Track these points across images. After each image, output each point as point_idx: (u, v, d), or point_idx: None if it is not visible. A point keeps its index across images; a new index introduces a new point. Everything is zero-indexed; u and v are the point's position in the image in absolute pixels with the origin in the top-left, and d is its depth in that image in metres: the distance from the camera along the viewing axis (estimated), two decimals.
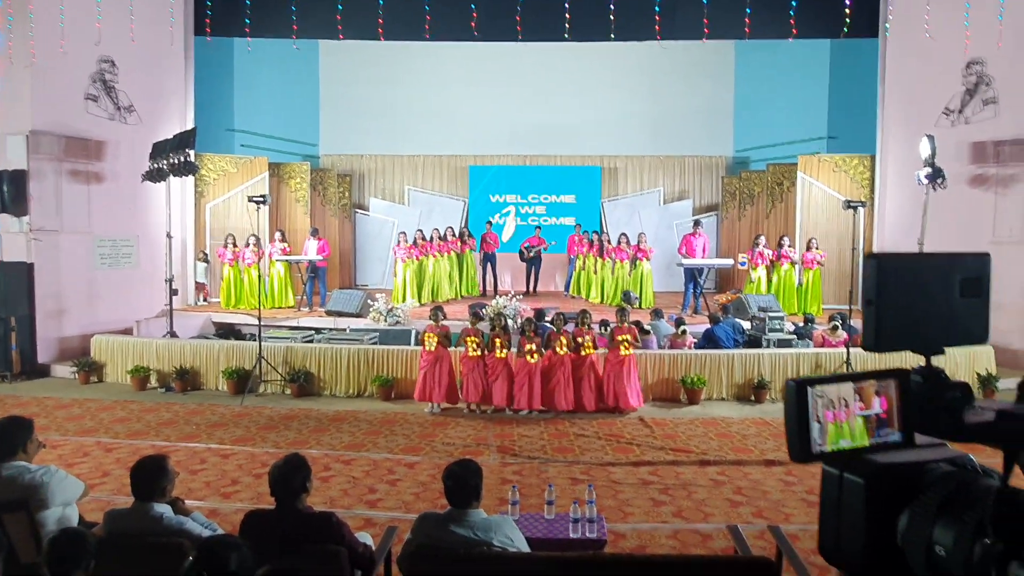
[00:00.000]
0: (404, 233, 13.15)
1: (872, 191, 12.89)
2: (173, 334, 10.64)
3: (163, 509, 3.19)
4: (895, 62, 12.32)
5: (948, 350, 0.72)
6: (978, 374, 9.21)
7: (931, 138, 9.99)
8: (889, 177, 12.57)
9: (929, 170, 9.88)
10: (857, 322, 10.03)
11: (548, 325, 9.06)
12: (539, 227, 14.79)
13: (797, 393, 0.67)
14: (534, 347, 8.37)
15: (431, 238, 13.31)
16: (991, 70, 10.72)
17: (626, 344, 8.43)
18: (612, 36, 12.38)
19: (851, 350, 9.14)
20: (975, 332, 0.73)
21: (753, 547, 4.00)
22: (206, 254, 13.60)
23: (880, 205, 12.75)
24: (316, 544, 3.05)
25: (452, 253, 13.59)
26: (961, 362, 9.19)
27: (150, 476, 3.19)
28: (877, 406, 0.70)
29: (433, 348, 8.46)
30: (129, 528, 3.16)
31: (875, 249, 12.67)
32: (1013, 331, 10.06)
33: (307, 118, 16.23)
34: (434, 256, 13.18)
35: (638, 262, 12.69)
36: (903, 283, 0.68)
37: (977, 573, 0.60)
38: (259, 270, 11.18)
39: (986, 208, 10.73)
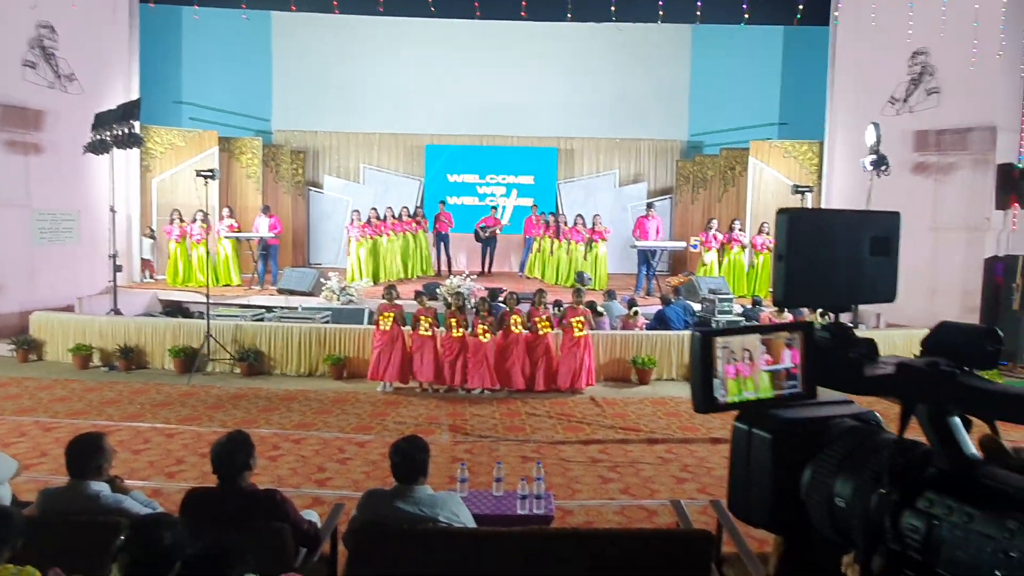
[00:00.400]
0: (357, 211, 12.99)
1: (820, 177, 13.20)
2: (117, 312, 10.34)
3: (100, 487, 3.12)
4: (844, 50, 12.58)
5: (887, 333, 0.74)
6: (915, 355, 9.54)
7: (876, 126, 10.26)
8: (836, 163, 12.88)
9: (874, 157, 10.15)
10: (805, 308, 10.29)
11: (502, 305, 9.08)
12: (495, 207, 14.77)
13: (702, 344, 0.68)
14: (487, 327, 8.38)
15: (385, 217, 13.18)
16: (935, 60, 11.03)
17: (579, 325, 8.50)
18: (569, 16, 12.35)
19: None
20: (883, 291, 0.75)
21: (696, 521, 4.10)
22: (152, 230, 13.22)
23: (827, 190, 13.06)
24: (259, 522, 3.02)
25: (406, 233, 13.49)
26: (899, 343, 9.50)
27: (86, 453, 3.11)
28: (788, 360, 0.72)
29: (388, 327, 8.41)
30: (64, 507, 3.08)
31: None
32: (949, 315, 10.45)
33: (259, 92, 15.83)
34: (388, 235, 13.07)
35: (593, 244, 12.78)
36: (813, 239, 0.69)
37: (873, 522, 0.62)
38: (207, 247, 10.91)
39: (927, 195, 11.09)
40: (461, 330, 8.42)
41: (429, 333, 8.43)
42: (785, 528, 0.70)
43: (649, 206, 13.44)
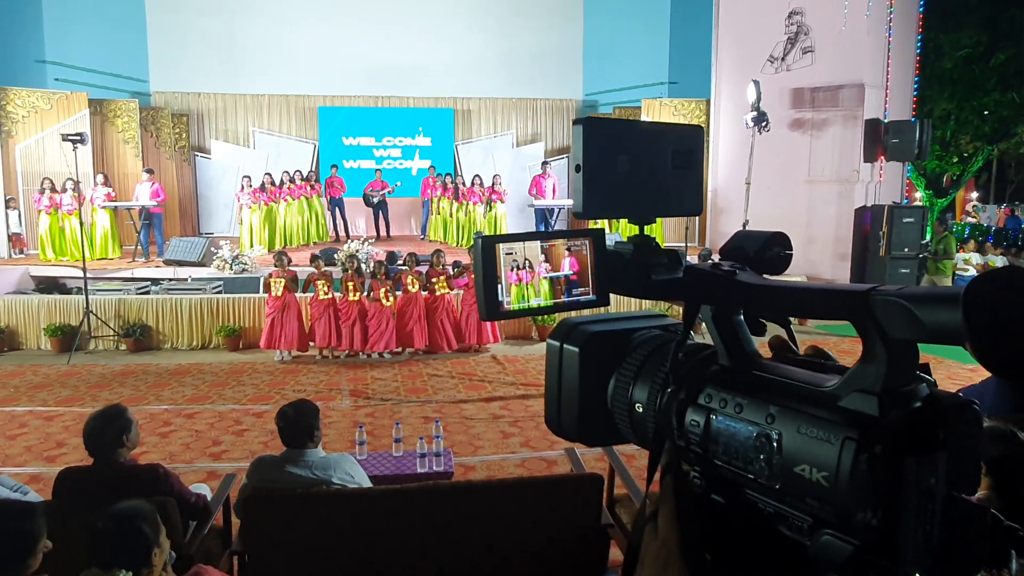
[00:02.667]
0: (248, 177, 12.45)
1: (707, 134, 13.66)
2: None
3: None
4: (726, 11, 12.97)
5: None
6: None
7: (757, 84, 10.68)
8: (722, 120, 13.35)
9: (755, 114, 10.59)
10: (692, 258, 10.72)
11: (401, 267, 9.00)
12: (379, 170, 14.48)
13: (484, 251, 0.68)
14: (387, 289, 8.30)
15: (282, 182, 12.72)
16: (809, 20, 11.55)
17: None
18: None
19: None
20: (688, 204, 0.76)
21: (592, 468, 4.26)
22: (14, 200, 12.20)
23: (714, 147, 13.55)
24: (141, 497, 2.91)
25: (302, 198, 13.07)
26: None
27: None
28: (567, 267, 0.73)
29: (280, 293, 8.19)
30: None
31: (708, 188, 13.49)
32: (824, 262, 11.17)
33: (133, 51, 14.75)
34: (285, 201, 12.64)
35: (492, 204, 12.79)
36: (611, 149, 0.68)
37: (663, 422, 0.65)
38: (80, 218, 10.18)
39: (803, 149, 11.70)
40: (358, 294, 8.30)
41: (329, 296, 8.27)
42: (593, 439, 0.73)
43: (544, 164, 13.53)
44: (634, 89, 15.23)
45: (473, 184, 13.03)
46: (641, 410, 0.66)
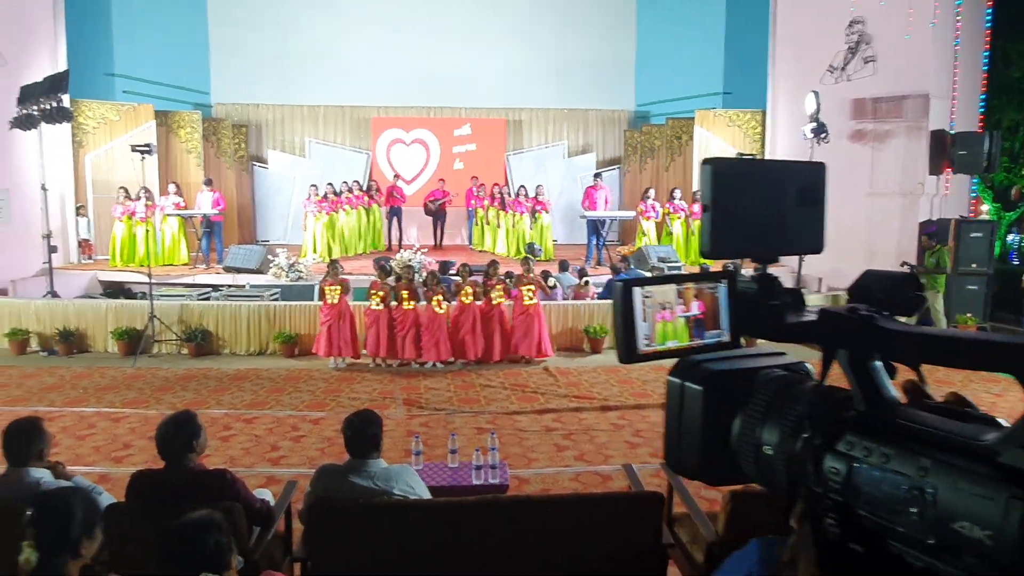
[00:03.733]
0: (315, 186, 12.78)
1: (763, 145, 13.44)
2: (54, 294, 9.98)
3: (40, 474, 3.03)
4: (784, 20, 12.75)
5: (828, 296, 0.74)
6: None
7: (816, 94, 10.47)
8: (778, 132, 13.12)
9: (814, 125, 10.37)
10: (748, 270, 10.53)
11: (454, 277, 9.06)
12: (442, 179, 14.63)
13: (623, 294, 0.69)
14: (440, 298, 8.37)
15: (341, 192, 12.99)
16: (871, 29, 11.27)
17: (530, 293, 8.55)
18: None
19: None
20: (810, 241, 0.76)
21: (649, 484, 4.21)
22: (85, 208, 12.71)
23: (770, 158, 13.31)
24: (209, 502, 2.98)
25: (360, 208, 13.32)
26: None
27: (23, 439, 3.01)
28: (695, 308, 0.73)
29: (336, 301, 8.32)
30: (2, 495, 2.98)
31: None
32: None
33: (196, 64, 15.27)
34: (344, 211, 12.91)
35: (537, 214, 12.81)
36: (738, 189, 0.69)
37: (797, 468, 0.64)
38: (152, 225, 10.56)
39: (864, 162, 11.40)
40: (412, 303, 8.38)
41: (381, 307, 8.37)
42: (715, 479, 0.72)
43: (596, 176, 13.49)
44: (687, 100, 15.08)
45: (519, 194, 13.07)
46: (771, 452, 0.65)
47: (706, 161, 0.68)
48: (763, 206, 0.70)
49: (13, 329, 9.13)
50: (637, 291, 0.70)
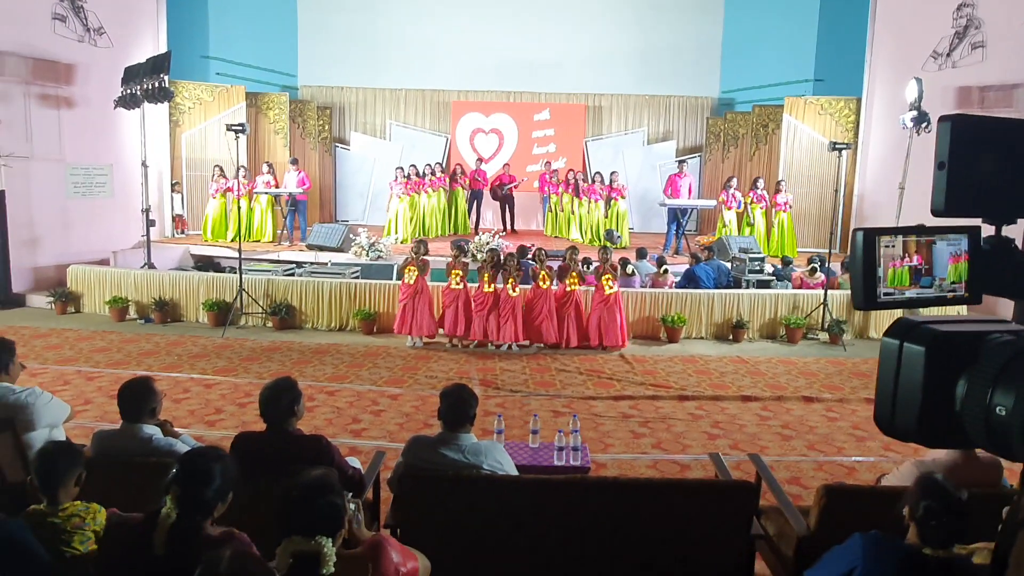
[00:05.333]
0: (401, 168, 12.98)
1: (856, 134, 12.89)
2: (151, 265, 10.49)
3: (152, 431, 3.20)
4: (886, 2, 12.16)
5: None
6: None
7: (919, 81, 9.95)
8: (874, 120, 12.55)
9: (915, 113, 9.87)
10: (836, 265, 10.16)
11: (531, 262, 9.07)
12: (507, 163, 14.62)
13: (866, 242, 0.67)
14: (514, 280, 8.40)
15: (424, 174, 13.15)
16: (981, 13, 10.61)
17: (609, 282, 8.47)
18: None
19: (829, 292, 9.27)
20: None
21: (732, 476, 4.12)
22: (180, 185, 13.30)
23: (863, 148, 12.77)
24: (306, 465, 3.07)
25: (441, 189, 13.47)
26: None
27: (138, 397, 3.18)
28: (915, 260, 0.71)
29: (413, 280, 8.44)
30: (118, 448, 3.16)
31: (855, 192, 12.75)
32: None
33: (285, 47, 15.70)
34: (427, 192, 13.08)
35: (613, 201, 12.65)
36: (979, 148, 0.66)
37: None
38: (248, 202, 11.00)
39: None
40: (494, 285, 8.43)
41: (460, 287, 8.46)
42: (933, 439, 0.69)
43: (681, 163, 13.22)
44: (776, 87, 14.58)
45: (594, 181, 12.94)
46: (1004, 414, 0.62)
47: (944, 118, 0.66)
48: (1004, 166, 0.67)
49: (114, 297, 9.65)
50: (880, 241, 0.68)
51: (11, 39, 10.19)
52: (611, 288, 8.48)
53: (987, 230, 0.77)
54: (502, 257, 8.77)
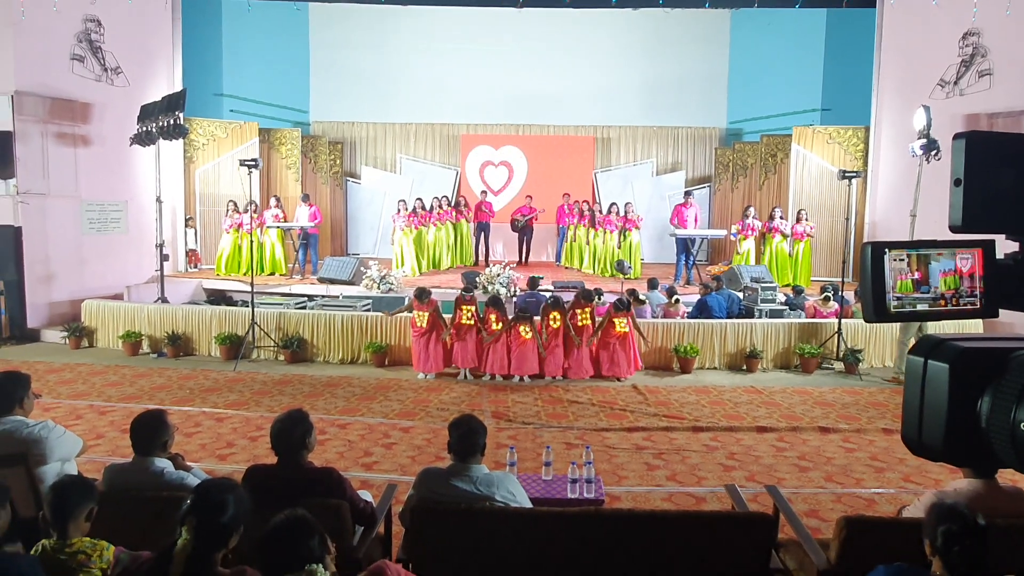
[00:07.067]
0: (404, 201, 13.06)
1: (865, 162, 12.90)
2: (164, 300, 10.56)
3: (164, 464, 3.18)
4: (892, 32, 12.26)
5: None
6: None
7: (927, 109, 9.97)
8: (883, 148, 12.57)
9: (924, 141, 9.87)
10: (849, 294, 10.09)
11: (543, 294, 9.06)
12: (529, 196, 14.71)
13: (875, 255, 0.67)
14: (528, 327, 8.39)
15: (431, 207, 13.23)
16: (987, 41, 10.68)
17: (622, 322, 8.45)
18: (613, 1, 12.23)
19: (842, 321, 9.19)
20: None
21: (749, 508, 4.05)
22: (194, 220, 13.45)
23: (873, 176, 12.77)
24: (318, 498, 3.05)
25: (448, 223, 13.55)
26: None
27: (150, 430, 3.17)
28: (916, 274, 0.73)
29: (424, 325, 8.45)
30: (129, 482, 3.14)
31: (866, 220, 12.72)
32: None
33: (297, 84, 16.00)
34: (434, 226, 13.14)
35: (627, 232, 12.69)
36: (992, 162, 0.66)
37: None
38: (257, 236, 11.08)
39: None
40: (499, 325, 8.44)
41: (471, 322, 8.46)
42: (959, 458, 0.67)
43: (687, 194, 13.27)
44: (783, 116, 14.67)
45: (609, 212, 13.00)
46: None
47: (959, 135, 0.66)
48: (1021, 181, 0.67)
49: (127, 331, 9.71)
50: (889, 254, 0.67)
51: (30, 79, 10.43)
52: (623, 327, 8.44)
53: (1010, 246, 0.77)
54: (508, 290, 8.76)
